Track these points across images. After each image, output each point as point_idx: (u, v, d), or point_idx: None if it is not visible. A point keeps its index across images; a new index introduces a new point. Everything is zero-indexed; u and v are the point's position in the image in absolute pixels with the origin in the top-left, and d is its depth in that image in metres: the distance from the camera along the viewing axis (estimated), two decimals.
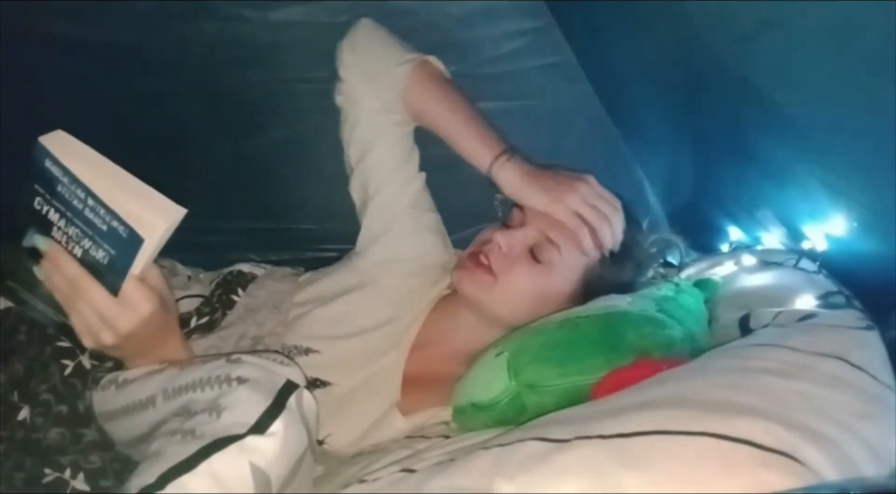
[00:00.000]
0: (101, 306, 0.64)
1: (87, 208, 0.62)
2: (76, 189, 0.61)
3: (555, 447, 0.51)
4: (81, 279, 0.64)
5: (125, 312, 0.65)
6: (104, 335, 0.65)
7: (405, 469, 0.61)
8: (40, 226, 0.65)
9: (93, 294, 0.64)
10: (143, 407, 0.67)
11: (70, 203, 0.62)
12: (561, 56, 1.01)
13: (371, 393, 0.87)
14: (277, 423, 0.59)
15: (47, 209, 0.64)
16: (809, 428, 0.48)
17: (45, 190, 0.63)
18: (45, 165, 0.62)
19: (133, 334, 0.66)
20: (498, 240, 0.87)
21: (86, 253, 0.64)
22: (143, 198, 0.62)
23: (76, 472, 0.75)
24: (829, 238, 0.81)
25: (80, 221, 0.63)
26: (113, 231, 0.62)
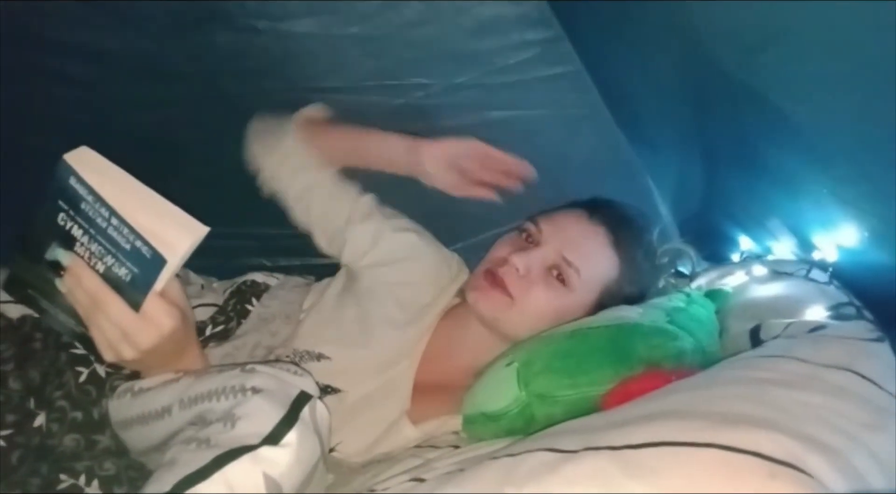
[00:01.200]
0: (122, 321, 0.65)
1: (110, 227, 0.63)
2: (100, 208, 0.62)
3: (563, 457, 0.52)
4: (103, 294, 0.64)
5: (146, 327, 0.65)
6: (124, 349, 0.66)
7: (415, 478, 0.62)
8: (63, 240, 0.66)
9: (114, 309, 0.65)
10: (159, 416, 0.68)
11: (94, 221, 0.63)
12: (570, 67, 1.01)
13: (381, 402, 0.87)
14: (291, 434, 0.60)
15: (71, 226, 0.65)
16: (817, 439, 0.48)
17: (69, 207, 0.64)
18: (70, 183, 0.63)
19: (153, 349, 0.66)
20: (515, 263, 0.86)
21: (108, 270, 0.64)
22: (167, 216, 0.63)
23: (91, 479, 0.75)
24: (839, 249, 0.81)
25: (103, 238, 0.64)
26: (136, 251, 0.62)
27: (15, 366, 0.80)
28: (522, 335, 0.86)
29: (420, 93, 1.05)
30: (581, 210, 0.91)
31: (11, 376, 0.79)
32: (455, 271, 1.03)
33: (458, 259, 1.05)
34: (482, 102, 1.05)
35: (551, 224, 0.89)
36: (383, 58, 1.02)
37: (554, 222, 0.89)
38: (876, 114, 0.62)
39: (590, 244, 0.88)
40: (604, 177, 1.12)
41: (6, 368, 0.80)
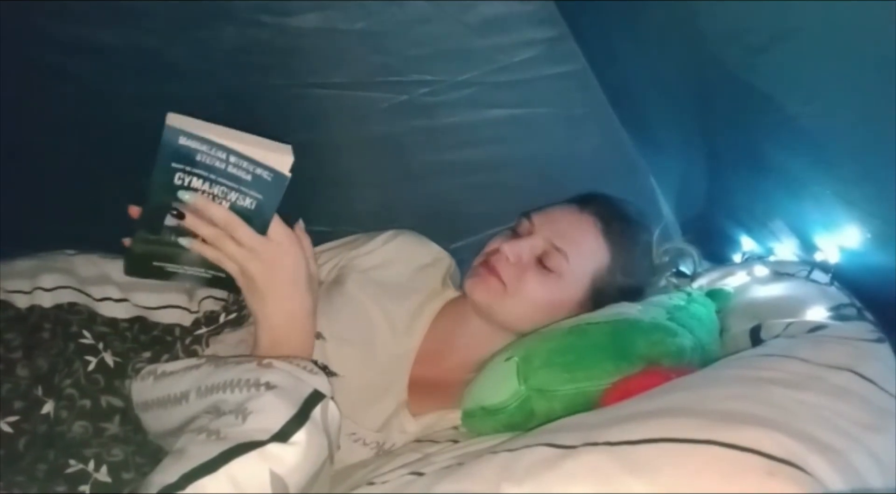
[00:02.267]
0: (250, 240, 0.70)
1: (229, 165, 0.69)
2: (217, 152, 0.68)
3: (562, 453, 0.52)
4: (229, 219, 0.70)
5: (272, 245, 0.71)
6: (252, 264, 0.71)
7: (414, 472, 0.62)
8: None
9: (241, 231, 0.70)
10: (177, 402, 0.69)
11: (212, 166, 0.69)
12: (574, 65, 1.01)
13: (380, 394, 0.87)
14: (301, 433, 0.60)
15: (189, 180, 0.70)
16: (816, 439, 0.48)
17: (184, 164, 0.69)
18: (180, 143, 0.68)
19: (276, 264, 0.72)
20: (505, 250, 0.88)
21: (233, 205, 0.71)
22: (263, 145, 0.70)
23: (99, 465, 0.76)
24: (841, 250, 0.81)
25: (224, 178, 0.70)
26: (257, 178, 0.69)
27: (23, 354, 0.81)
28: (518, 324, 0.88)
29: (424, 90, 1.05)
30: (573, 204, 0.94)
31: (19, 364, 0.80)
32: (448, 265, 1.04)
33: (448, 256, 1.06)
34: (486, 99, 1.06)
35: (543, 216, 0.92)
36: (387, 54, 1.03)
37: (546, 215, 0.92)
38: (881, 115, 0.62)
39: (578, 232, 0.90)
40: (607, 176, 1.12)
41: (14, 356, 0.81)
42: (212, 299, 0.97)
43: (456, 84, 1.03)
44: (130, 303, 0.92)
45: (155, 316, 0.93)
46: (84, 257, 0.93)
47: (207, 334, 0.89)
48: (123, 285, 0.92)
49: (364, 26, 0.98)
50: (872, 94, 0.61)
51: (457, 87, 1.04)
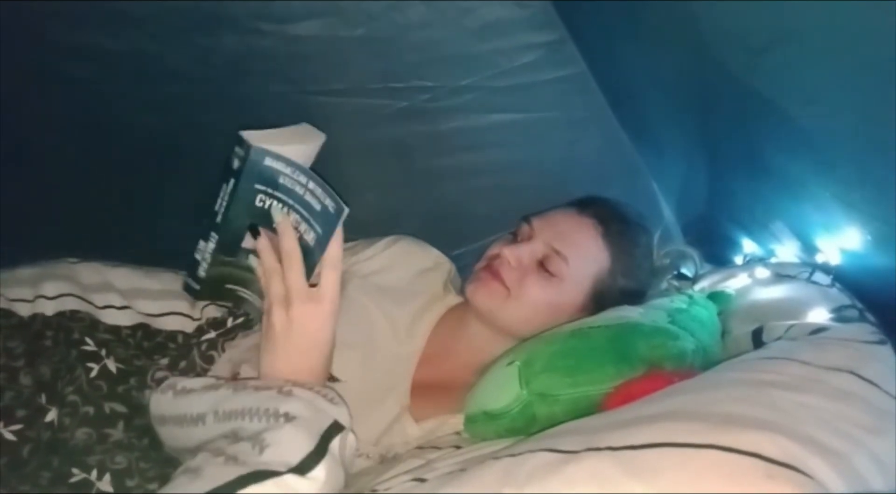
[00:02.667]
0: (294, 283, 0.68)
1: (307, 193, 0.67)
2: (297, 175, 0.67)
3: (564, 458, 0.52)
4: (293, 256, 0.68)
5: (308, 298, 0.68)
6: (278, 312, 0.69)
7: (417, 478, 0.62)
8: (261, 221, 0.70)
9: (294, 273, 0.68)
10: (194, 422, 0.68)
11: (292, 191, 0.67)
12: (575, 69, 1.01)
13: (381, 399, 0.87)
14: (319, 468, 0.60)
15: (269, 203, 0.68)
16: (817, 441, 0.48)
17: (267, 185, 0.68)
18: (266, 164, 0.66)
19: (298, 324, 0.69)
20: (506, 255, 0.89)
21: (301, 239, 0.69)
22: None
23: (102, 473, 0.76)
24: (842, 252, 0.81)
25: (299, 206, 0.68)
26: (324, 209, 0.67)
27: (26, 362, 0.81)
28: (519, 328, 0.88)
29: (424, 96, 1.05)
30: (572, 207, 0.94)
31: (22, 372, 0.80)
32: (448, 270, 1.04)
33: (448, 260, 1.06)
34: (486, 104, 1.06)
35: (543, 221, 0.92)
36: (388, 60, 1.03)
37: (546, 219, 0.92)
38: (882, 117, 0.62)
39: (578, 235, 0.90)
40: (608, 179, 1.12)
41: (17, 364, 0.81)
42: (213, 305, 0.97)
43: (457, 89, 1.04)
44: (133, 310, 0.92)
45: (157, 323, 0.93)
46: (86, 265, 0.94)
47: (222, 339, 0.89)
48: (126, 292, 0.93)
49: (364, 32, 0.98)
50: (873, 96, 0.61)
51: (457, 92, 1.04)
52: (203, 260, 0.72)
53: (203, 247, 0.72)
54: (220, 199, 0.70)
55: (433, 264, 1.03)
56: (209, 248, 0.71)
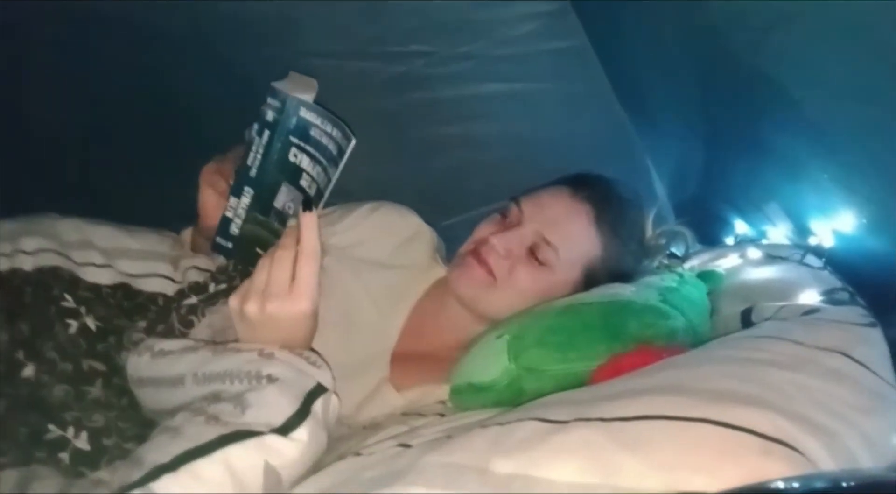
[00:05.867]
0: (279, 276, 0.65)
1: (330, 141, 0.66)
2: (325, 125, 0.65)
3: (554, 427, 0.51)
4: (311, 257, 0.65)
5: (287, 296, 0.65)
6: (252, 303, 0.66)
7: (402, 443, 0.61)
8: (291, 177, 0.68)
9: (284, 268, 0.65)
10: (172, 385, 0.67)
11: (319, 142, 0.66)
12: (575, 41, 1.00)
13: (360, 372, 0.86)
14: (302, 429, 0.59)
15: (301, 158, 0.66)
16: (810, 420, 0.48)
17: (300, 138, 0.65)
18: (301, 115, 0.64)
19: (272, 318, 0.66)
20: (495, 243, 0.85)
21: (318, 186, 0.67)
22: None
23: (79, 430, 0.75)
24: (836, 235, 0.81)
25: (323, 157, 0.66)
26: (339, 150, 0.66)
27: (3, 318, 0.79)
28: (501, 314, 0.85)
29: (421, 61, 1.03)
30: (565, 187, 0.90)
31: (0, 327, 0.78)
32: (431, 238, 1.02)
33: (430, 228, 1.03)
34: (484, 73, 1.05)
35: (533, 204, 0.88)
36: (385, 24, 1.01)
37: (536, 202, 0.88)
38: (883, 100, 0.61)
39: (570, 223, 0.87)
40: (603, 155, 1.11)
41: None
42: (196, 270, 0.95)
43: (454, 56, 1.02)
44: (114, 269, 0.90)
45: (139, 284, 0.91)
46: (68, 222, 0.91)
47: (202, 304, 0.87)
48: (107, 251, 0.91)
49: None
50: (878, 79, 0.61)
51: (455, 59, 1.02)
52: (236, 217, 0.70)
53: (235, 204, 0.70)
54: (252, 153, 0.68)
55: (414, 232, 1.00)
56: (243, 204, 0.69)
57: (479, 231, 0.90)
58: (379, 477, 0.54)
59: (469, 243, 0.90)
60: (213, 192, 0.87)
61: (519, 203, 0.89)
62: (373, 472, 0.56)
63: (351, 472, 0.58)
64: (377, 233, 0.98)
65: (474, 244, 0.88)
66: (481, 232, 0.89)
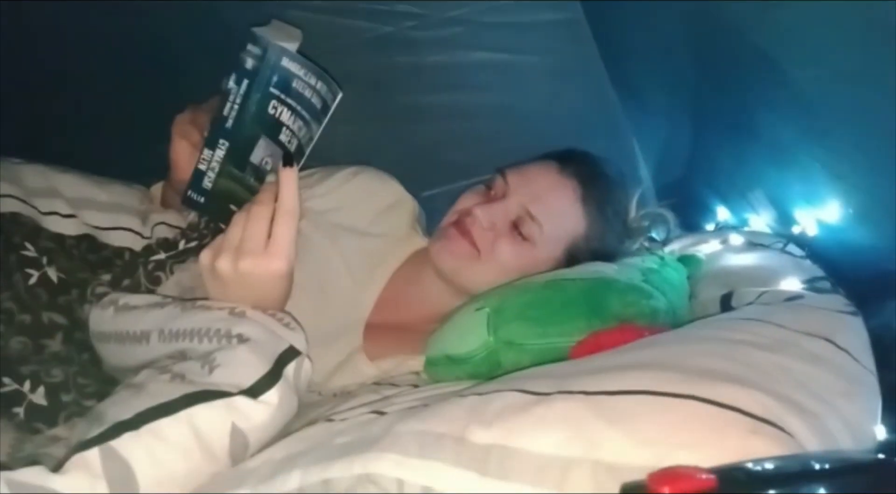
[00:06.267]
0: (254, 234, 0.63)
1: (313, 94, 0.62)
2: (308, 77, 0.62)
3: (535, 399, 0.50)
4: (289, 215, 0.63)
5: (261, 255, 0.63)
6: (224, 259, 0.63)
7: (375, 411, 0.60)
8: (271, 131, 0.64)
9: (260, 224, 0.63)
10: (136, 341, 0.65)
11: (302, 95, 0.62)
12: (569, 13, 0.98)
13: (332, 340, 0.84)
14: (272, 392, 0.57)
15: (281, 111, 0.63)
16: (794, 401, 0.47)
17: (281, 90, 0.62)
18: (282, 64, 0.61)
19: (245, 276, 0.63)
20: (478, 215, 0.83)
21: (299, 142, 0.65)
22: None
23: (36, 385, 0.72)
24: (820, 224, 0.80)
25: (305, 110, 0.63)
26: (324, 105, 0.63)
27: None
28: (481, 288, 0.84)
29: (410, 23, 1.00)
30: (553, 162, 0.88)
31: None
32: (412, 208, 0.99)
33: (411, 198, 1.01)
34: (474, 40, 1.02)
35: (519, 177, 0.86)
36: None
37: (522, 175, 0.87)
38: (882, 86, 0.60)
39: (556, 199, 0.85)
40: (588, 133, 1.09)
41: None
42: (165, 226, 0.91)
43: (445, 20, 0.99)
44: (79, 220, 0.86)
45: (104, 237, 0.88)
46: (31, 168, 0.87)
47: (171, 261, 0.84)
48: (73, 200, 0.86)
49: None
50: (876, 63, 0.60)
51: (445, 23, 0.99)
52: (210, 170, 0.67)
53: (209, 156, 0.66)
54: (229, 103, 0.64)
55: (395, 200, 0.98)
56: (217, 156, 0.66)
57: (462, 202, 0.88)
58: (351, 443, 0.53)
59: (451, 215, 0.88)
60: (187, 143, 0.83)
61: (505, 175, 0.87)
62: (345, 438, 0.54)
63: (322, 437, 0.56)
64: (356, 199, 0.95)
65: (457, 215, 0.86)
66: (465, 202, 0.87)
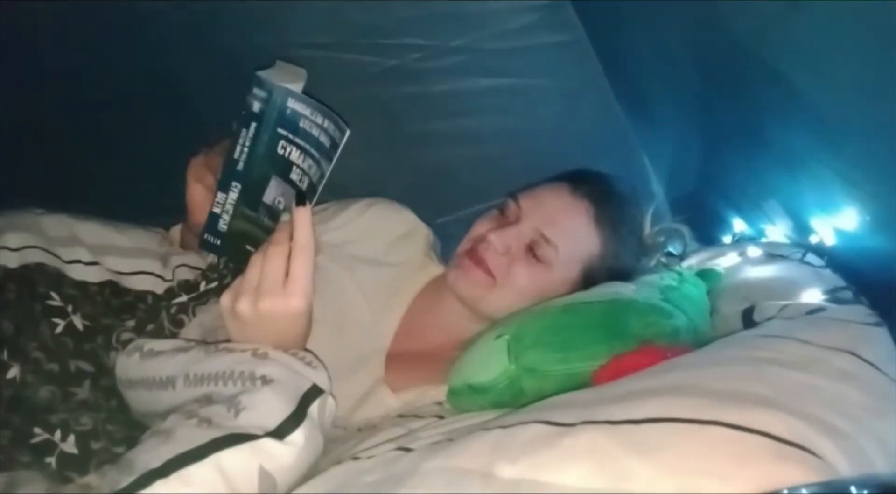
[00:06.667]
0: (272, 272, 0.63)
1: (321, 133, 0.63)
2: (315, 116, 0.63)
3: (560, 430, 0.50)
4: (305, 250, 0.63)
5: (280, 293, 0.64)
6: (244, 301, 0.64)
7: (401, 447, 0.60)
8: (281, 170, 0.66)
9: (277, 264, 0.63)
10: (163, 386, 0.65)
11: (309, 134, 0.64)
12: (572, 35, 0.98)
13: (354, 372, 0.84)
14: (298, 433, 0.57)
15: (290, 150, 0.64)
16: (823, 421, 0.47)
17: (289, 130, 0.63)
18: (288, 105, 0.62)
19: (266, 316, 0.64)
20: (493, 240, 0.84)
21: (310, 180, 0.65)
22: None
23: (66, 434, 0.73)
24: (837, 233, 0.80)
25: (314, 149, 0.64)
26: (333, 143, 0.64)
27: None
28: (501, 313, 0.84)
29: (415, 55, 1.02)
30: (564, 184, 0.89)
31: None
32: (426, 235, 1.00)
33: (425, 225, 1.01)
34: (478, 67, 1.03)
35: (531, 200, 0.87)
36: (378, 15, 0.99)
37: (534, 198, 0.87)
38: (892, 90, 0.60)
39: (569, 220, 0.85)
40: (599, 151, 1.10)
41: None
42: (186, 267, 0.93)
43: (449, 50, 1.00)
44: (101, 267, 0.88)
45: (127, 282, 0.89)
46: (53, 217, 0.89)
47: (193, 303, 0.85)
48: (94, 248, 0.88)
49: None
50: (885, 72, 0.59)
51: (449, 53, 1.00)
52: (224, 213, 0.68)
53: (223, 199, 0.68)
54: (239, 146, 0.66)
55: (409, 229, 0.99)
56: (230, 199, 0.67)
57: (476, 228, 0.89)
58: (379, 482, 0.53)
59: (466, 242, 0.88)
60: (201, 187, 0.85)
61: (517, 199, 0.87)
62: (372, 476, 0.54)
63: (350, 476, 0.56)
64: (372, 230, 0.96)
65: (471, 243, 0.87)
66: (479, 229, 0.88)
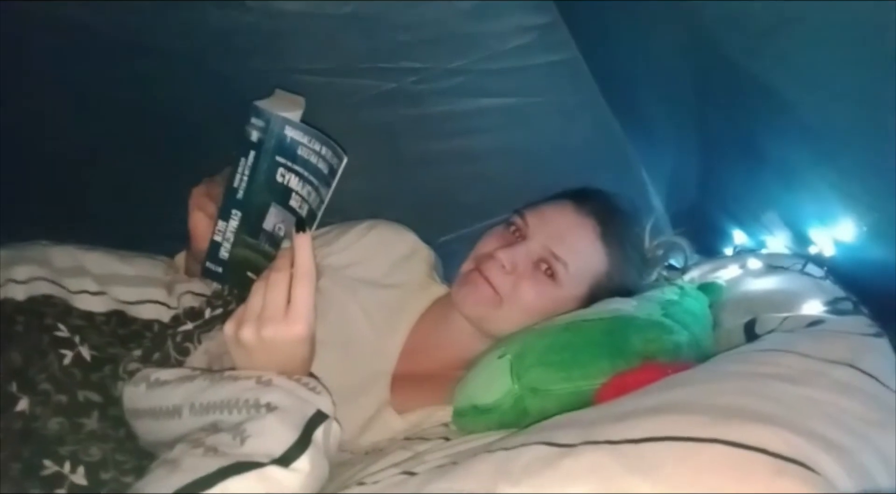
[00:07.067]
0: (275, 299, 0.64)
1: (319, 160, 0.64)
2: (313, 144, 0.64)
3: (561, 451, 0.50)
4: (305, 277, 0.64)
5: (282, 321, 0.64)
6: (247, 328, 0.65)
7: (406, 471, 0.60)
8: (281, 197, 0.67)
9: (279, 291, 0.64)
10: (169, 415, 0.66)
11: (308, 161, 0.65)
12: (567, 54, 0.99)
13: (359, 394, 0.85)
14: (303, 459, 0.58)
15: (289, 178, 0.65)
16: (823, 436, 0.47)
17: (287, 158, 0.64)
18: (286, 133, 0.63)
19: (269, 343, 0.65)
20: (502, 258, 0.84)
21: (310, 207, 0.66)
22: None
23: (76, 465, 0.73)
24: (836, 244, 0.80)
25: (312, 176, 0.65)
26: (331, 170, 0.65)
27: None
28: (508, 330, 0.84)
29: (413, 78, 1.02)
30: (568, 201, 0.89)
31: None
32: (427, 256, 1.01)
33: (426, 246, 1.02)
34: (476, 88, 1.04)
35: (537, 217, 0.87)
36: (376, 39, 1.00)
37: (540, 215, 0.87)
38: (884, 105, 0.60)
39: (577, 237, 0.86)
40: (598, 167, 1.10)
41: None
42: (191, 294, 0.94)
43: (446, 72, 1.01)
44: (108, 296, 0.89)
45: (133, 311, 0.90)
46: (59, 248, 0.90)
47: (198, 330, 0.86)
48: (100, 277, 0.89)
49: (352, 10, 0.94)
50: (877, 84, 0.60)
51: (447, 75, 1.01)
52: (225, 241, 0.69)
53: (223, 227, 0.69)
54: (238, 175, 0.67)
55: (411, 250, 0.99)
56: (231, 227, 0.68)
57: (482, 246, 0.89)
58: None
59: (471, 261, 0.88)
60: (203, 215, 0.86)
61: (524, 216, 0.87)
62: None
63: None
64: (373, 252, 0.97)
65: (477, 261, 0.87)
66: (485, 247, 0.88)
